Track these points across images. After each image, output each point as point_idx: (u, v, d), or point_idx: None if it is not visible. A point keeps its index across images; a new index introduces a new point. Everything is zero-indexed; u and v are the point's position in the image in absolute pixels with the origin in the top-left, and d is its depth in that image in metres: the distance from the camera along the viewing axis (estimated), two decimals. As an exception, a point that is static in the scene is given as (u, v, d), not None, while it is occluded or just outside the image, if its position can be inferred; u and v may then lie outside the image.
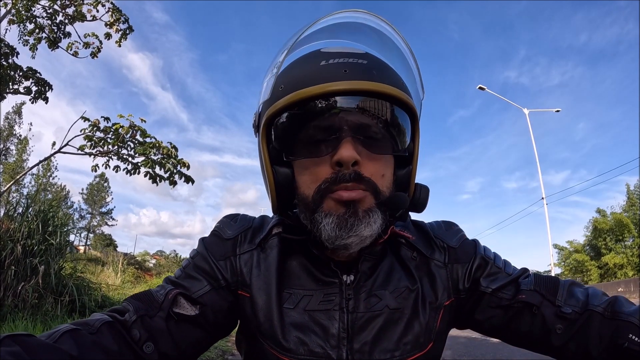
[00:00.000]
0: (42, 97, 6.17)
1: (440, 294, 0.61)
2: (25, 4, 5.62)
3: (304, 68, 0.54)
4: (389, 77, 0.54)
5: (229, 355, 4.55)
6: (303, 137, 0.54)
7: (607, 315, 0.54)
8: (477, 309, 0.62)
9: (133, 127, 5.67)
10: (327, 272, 0.59)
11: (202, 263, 0.61)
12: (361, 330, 0.56)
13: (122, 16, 6.16)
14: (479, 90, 16.42)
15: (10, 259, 4.10)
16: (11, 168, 24.10)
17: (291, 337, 0.55)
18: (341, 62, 0.52)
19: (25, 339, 0.39)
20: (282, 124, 0.55)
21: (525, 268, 0.65)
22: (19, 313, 3.86)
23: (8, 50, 5.69)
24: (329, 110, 0.52)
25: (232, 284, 0.60)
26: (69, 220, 5.92)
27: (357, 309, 0.57)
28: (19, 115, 27.19)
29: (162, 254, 35.17)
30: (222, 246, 0.63)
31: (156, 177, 5.86)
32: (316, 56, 0.55)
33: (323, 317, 0.56)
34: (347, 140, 0.51)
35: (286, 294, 0.58)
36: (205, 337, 0.59)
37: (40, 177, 27.74)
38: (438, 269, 0.62)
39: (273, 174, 0.56)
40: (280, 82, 0.55)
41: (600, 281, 18.85)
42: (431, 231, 0.67)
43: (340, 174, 0.51)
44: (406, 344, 0.56)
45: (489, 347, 5.33)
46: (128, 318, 0.52)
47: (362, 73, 0.52)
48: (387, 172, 0.55)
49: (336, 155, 0.51)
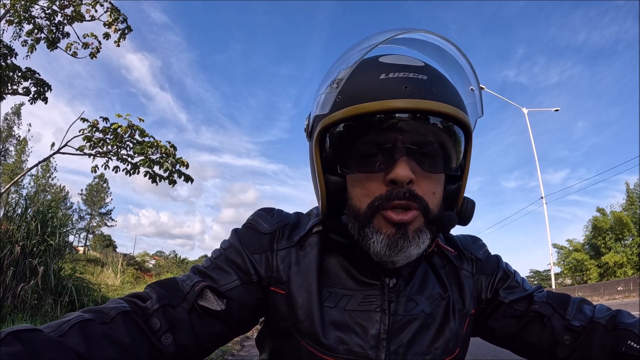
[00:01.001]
0: (41, 98, 6.16)
1: (468, 302, 0.63)
2: (23, 4, 5.61)
3: (363, 80, 0.53)
4: (447, 93, 0.53)
5: (229, 356, 4.54)
6: (358, 150, 0.54)
7: (609, 327, 0.57)
8: (493, 317, 0.65)
9: (131, 126, 5.67)
10: (368, 274, 0.59)
11: (235, 256, 0.60)
12: (399, 333, 0.57)
13: (121, 16, 6.15)
14: (478, 89, 16.41)
15: (9, 259, 4.09)
16: (10, 169, 24.06)
17: (331, 335, 0.55)
18: (402, 77, 0.51)
19: (29, 335, 0.37)
20: (337, 135, 0.55)
21: (540, 285, 0.69)
22: (18, 314, 3.85)
23: (7, 51, 5.68)
24: (387, 126, 0.52)
25: (265, 279, 0.59)
26: (68, 221, 5.90)
27: (397, 312, 0.57)
28: (17, 116, 27.18)
29: (162, 254, 35.18)
30: (257, 240, 0.61)
31: (155, 177, 5.85)
32: (375, 66, 0.54)
33: (363, 318, 0.57)
34: (403, 159, 0.51)
35: (326, 293, 0.58)
36: (226, 332, 0.58)
37: (40, 178, 27.74)
38: (466, 278, 0.65)
39: (325, 181, 0.56)
40: (339, 92, 0.54)
41: (600, 280, 18.86)
42: (460, 243, 0.69)
43: (395, 192, 0.51)
44: (437, 349, 0.57)
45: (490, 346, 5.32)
46: (150, 306, 0.51)
47: (422, 90, 0.51)
48: (437, 190, 0.56)
49: (391, 174, 0.51)
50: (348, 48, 0.58)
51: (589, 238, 20.83)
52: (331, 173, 0.56)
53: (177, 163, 5.84)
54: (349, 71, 0.53)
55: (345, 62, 0.55)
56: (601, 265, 19.78)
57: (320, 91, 0.59)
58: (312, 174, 0.60)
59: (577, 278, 21.66)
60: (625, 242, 19.29)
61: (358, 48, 0.54)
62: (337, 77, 0.55)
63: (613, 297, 12.82)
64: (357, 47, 0.55)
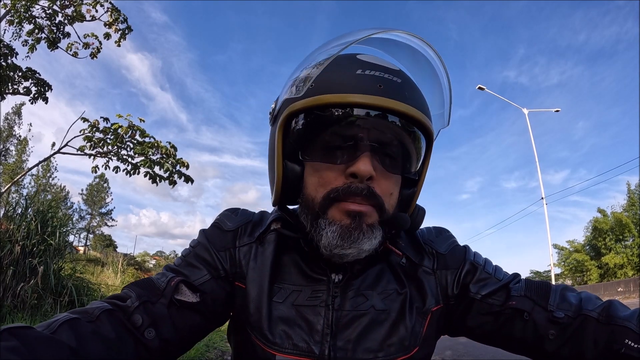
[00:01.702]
0: (41, 98, 6.16)
1: (428, 300, 0.61)
2: (24, 4, 5.62)
3: (340, 72, 0.54)
4: (417, 100, 0.54)
5: (228, 356, 4.55)
6: (322, 140, 0.54)
7: (602, 320, 0.54)
8: (468, 315, 0.62)
9: (132, 127, 5.67)
10: (316, 270, 0.60)
11: (203, 252, 0.62)
12: (345, 328, 0.56)
13: (121, 16, 6.15)
14: (479, 90, 16.43)
15: (9, 259, 4.09)
16: (11, 169, 24.08)
17: (277, 330, 0.56)
18: (377, 76, 0.52)
19: (23, 332, 0.39)
20: (304, 122, 0.55)
21: (517, 273, 0.65)
22: (18, 314, 3.85)
23: (7, 51, 5.69)
24: (355, 120, 0.52)
25: (231, 274, 0.62)
26: (68, 220, 5.90)
27: (342, 307, 0.57)
28: (18, 116, 27.21)
29: (162, 254, 35.20)
30: (222, 237, 0.64)
31: (156, 177, 5.85)
32: (352, 62, 0.54)
33: (309, 313, 0.57)
34: (367, 154, 0.52)
35: (276, 288, 0.59)
36: (204, 324, 0.60)
37: (40, 177, 27.76)
38: (426, 275, 0.63)
39: (283, 167, 0.56)
40: (313, 79, 0.54)
41: (600, 281, 18.85)
42: (421, 237, 0.67)
43: (354, 186, 0.52)
44: (390, 346, 0.56)
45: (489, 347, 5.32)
46: (130, 304, 0.52)
47: (395, 92, 0.52)
48: (395, 191, 0.57)
49: (353, 167, 0.51)
50: (328, 40, 0.59)
51: (590, 239, 20.81)
52: (291, 160, 0.57)
53: (178, 164, 5.84)
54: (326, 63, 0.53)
55: (324, 53, 0.56)
56: (601, 266, 19.76)
57: (295, 75, 0.59)
58: (270, 159, 0.60)
59: (578, 279, 21.63)
60: (626, 243, 19.27)
61: (337, 42, 0.55)
62: (314, 65, 0.55)
63: (613, 297, 12.77)
64: (336, 41, 0.56)
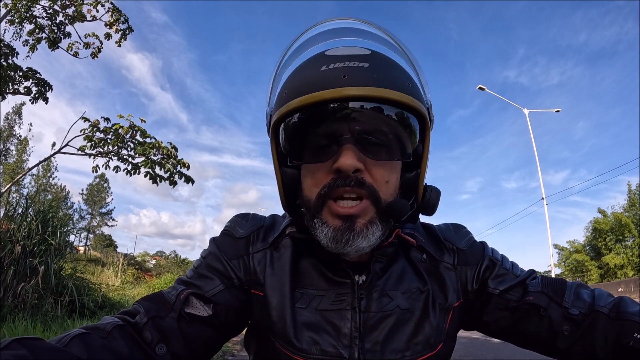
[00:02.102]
0: (42, 98, 6.17)
1: (450, 295, 0.61)
2: (25, 4, 5.62)
3: (306, 73, 0.55)
4: (392, 79, 0.52)
5: (229, 356, 4.54)
6: (307, 141, 0.55)
7: (612, 316, 0.55)
8: (485, 310, 0.63)
9: (133, 127, 5.68)
10: (338, 272, 0.59)
11: (215, 262, 0.61)
12: (373, 330, 0.56)
13: (122, 16, 6.16)
14: (479, 90, 16.43)
15: (10, 259, 4.10)
16: (11, 169, 24.09)
17: (304, 336, 0.55)
18: (341, 67, 0.51)
19: (33, 343, 0.38)
20: (287, 128, 0.56)
21: (533, 270, 0.65)
22: (18, 313, 3.86)
23: (8, 51, 5.69)
24: (330, 116, 0.52)
25: (245, 282, 0.60)
26: (69, 220, 5.91)
27: (369, 309, 0.57)
28: (19, 116, 27.23)
29: (162, 254, 35.18)
30: (234, 245, 0.63)
31: (156, 178, 5.86)
32: (319, 60, 0.55)
33: (335, 317, 0.56)
34: (348, 147, 0.51)
35: (298, 294, 0.58)
36: (216, 337, 0.59)
37: (40, 177, 27.77)
38: (447, 271, 0.63)
39: (281, 174, 0.58)
40: (285, 87, 0.56)
41: (601, 281, 18.83)
42: (440, 234, 0.67)
43: (340, 180, 0.52)
44: (417, 344, 0.56)
45: (490, 347, 5.32)
46: (139, 320, 0.52)
47: (361, 78, 0.50)
48: (391, 178, 0.55)
49: (337, 163, 0.51)
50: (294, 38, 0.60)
51: (590, 239, 20.79)
52: (286, 166, 0.58)
53: (178, 164, 5.85)
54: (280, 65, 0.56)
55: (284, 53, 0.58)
56: (602, 267, 19.75)
57: (269, 87, 0.61)
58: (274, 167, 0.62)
59: (578, 279, 21.60)
60: (626, 244, 19.25)
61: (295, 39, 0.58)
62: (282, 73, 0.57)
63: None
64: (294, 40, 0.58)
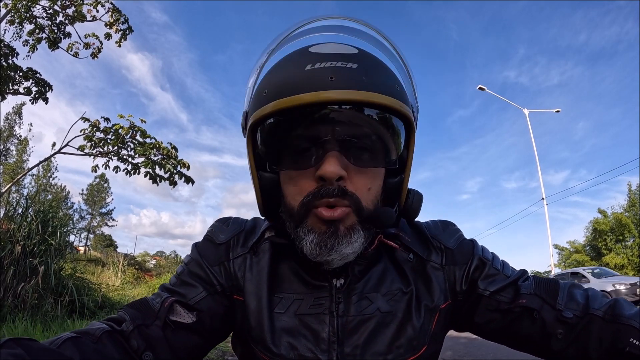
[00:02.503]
0: (42, 98, 6.17)
1: (437, 296, 0.59)
2: (25, 4, 5.62)
3: (289, 71, 0.51)
4: (381, 81, 0.50)
5: (229, 356, 4.54)
6: (287, 145, 0.52)
7: (607, 319, 0.54)
8: (476, 312, 0.61)
9: (133, 127, 5.68)
10: (316, 276, 0.58)
11: (197, 269, 0.60)
12: (352, 334, 0.55)
13: (122, 16, 6.16)
14: (479, 90, 16.43)
15: (10, 259, 4.10)
16: (11, 169, 24.10)
17: (281, 342, 0.55)
18: (328, 67, 0.48)
19: (28, 343, 0.39)
20: (266, 131, 0.53)
21: (524, 270, 0.63)
22: (18, 314, 3.86)
23: (8, 51, 5.69)
24: (314, 120, 0.49)
25: (228, 288, 0.60)
26: (69, 220, 5.91)
27: (347, 313, 0.56)
28: (19, 116, 27.24)
29: (162, 254, 35.19)
30: (215, 251, 0.62)
31: (156, 178, 5.86)
32: (303, 57, 0.51)
33: (313, 321, 0.55)
34: (332, 154, 0.49)
35: (277, 298, 0.57)
36: (202, 343, 0.58)
37: (41, 177, 27.78)
38: (434, 271, 0.61)
39: (258, 178, 0.56)
40: (265, 85, 0.52)
41: (601, 281, 18.82)
42: (427, 231, 0.65)
43: (324, 189, 0.50)
44: (399, 347, 0.55)
45: (490, 347, 5.32)
46: (125, 328, 0.52)
47: (349, 80, 0.48)
48: (373, 185, 0.54)
49: (320, 170, 0.49)
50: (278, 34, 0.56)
51: (590, 239, 20.80)
52: (264, 170, 0.56)
53: (179, 164, 5.85)
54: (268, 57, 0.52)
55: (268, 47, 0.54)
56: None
57: (248, 84, 0.57)
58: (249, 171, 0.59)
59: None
60: (626, 244, 19.25)
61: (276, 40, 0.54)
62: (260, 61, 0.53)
63: (614, 298, 12.78)
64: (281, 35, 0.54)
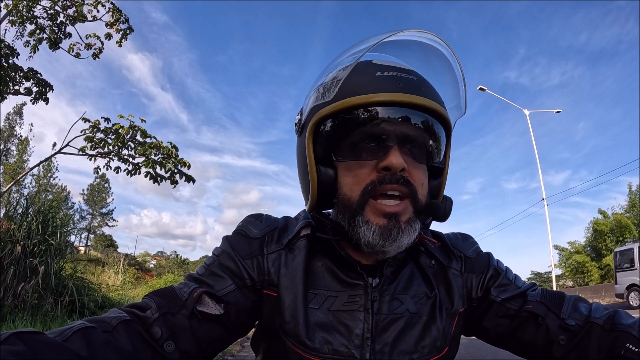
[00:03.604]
0: (42, 98, 6.18)
1: (456, 301, 0.63)
2: (26, 4, 5.63)
3: (360, 76, 0.56)
4: (433, 94, 0.58)
5: (229, 356, 4.54)
6: (352, 141, 0.57)
7: (606, 327, 0.57)
8: (485, 316, 0.65)
9: (133, 127, 5.68)
10: (352, 275, 0.60)
11: (228, 261, 0.61)
12: (383, 332, 0.57)
13: (122, 16, 6.17)
14: (479, 90, 16.43)
15: (10, 259, 4.10)
16: (12, 169, 24.12)
17: (316, 336, 0.56)
18: (395, 76, 0.56)
19: (32, 337, 0.38)
20: (332, 126, 0.58)
21: (534, 283, 0.68)
22: (19, 313, 3.86)
23: (9, 51, 5.70)
24: (381, 118, 0.55)
25: (258, 283, 0.61)
26: (70, 221, 5.91)
27: (381, 311, 0.58)
28: (19, 116, 27.27)
29: (163, 254, 35.21)
30: (248, 245, 0.63)
31: (157, 177, 5.86)
32: (369, 67, 0.58)
33: (347, 318, 0.58)
34: (396, 148, 0.55)
35: (311, 294, 0.59)
36: (226, 336, 0.59)
37: (41, 177, 27.79)
38: (455, 277, 0.65)
39: (317, 172, 0.58)
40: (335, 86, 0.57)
41: (601, 282, 18.82)
42: (449, 241, 0.70)
43: (389, 177, 0.54)
44: (424, 347, 0.58)
45: (490, 348, 5.30)
46: (150, 315, 0.52)
47: (414, 88, 0.55)
48: (425, 181, 0.59)
49: (385, 162, 0.54)
50: (346, 49, 0.61)
51: (590, 240, 20.79)
52: (323, 164, 0.58)
53: (179, 164, 5.86)
54: (348, 70, 0.56)
55: (342, 62, 0.59)
56: (602, 267, 19.74)
57: (318, 83, 0.61)
58: (301, 168, 0.62)
59: (578, 280, 21.61)
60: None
61: (354, 50, 0.58)
62: (337, 74, 0.58)
63: (614, 299, 12.78)
64: (353, 49, 0.59)
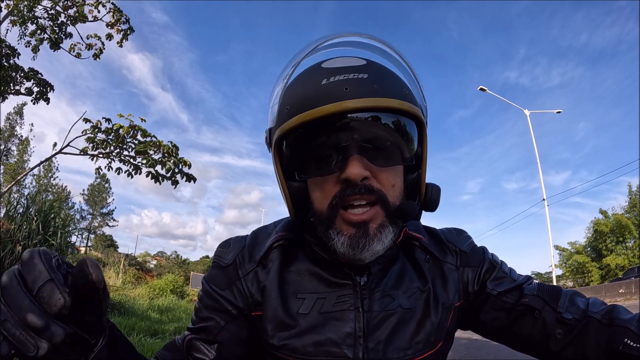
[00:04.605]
0: (43, 98, 6.18)
1: (452, 295, 0.63)
2: (27, 4, 5.64)
3: (307, 87, 0.56)
4: (390, 87, 0.55)
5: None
6: (312, 155, 0.56)
7: (604, 322, 0.57)
8: (482, 310, 0.65)
9: (133, 127, 5.68)
10: (338, 275, 0.60)
11: (209, 301, 0.63)
12: (375, 329, 0.57)
13: (123, 16, 6.17)
14: (480, 90, 16.43)
15: (11, 259, 4.10)
16: (12, 169, 24.14)
17: (308, 341, 0.57)
18: (342, 80, 0.53)
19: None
20: (291, 143, 0.57)
21: (529, 276, 0.68)
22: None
23: (9, 52, 5.70)
24: (334, 128, 0.54)
25: (245, 308, 0.61)
26: (71, 221, 5.91)
27: (372, 309, 0.58)
28: (20, 116, 27.28)
29: (163, 255, 35.22)
30: (223, 275, 0.64)
31: (158, 177, 5.86)
32: (317, 73, 0.56)
33: (338, 318, 0.58)
34: (354, 157, 0.53)
35: (299, 300, 0.60)
36: None
37: (42, 177, 27.80)
38: (450, 271, 0.65)
39: (288, 189, 0.58)
40: (286, 102, 0.57)
41: (602, 282, 18.79)
42: (443, 236, 0.69)
43: (350, 189, 0.53)
44: (418, 343, 0.58)
45: (490, 348, 5.31)
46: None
47: (362, 89, 0.52)
48: (397, 181, 0.57)
49: (344, 174, 0.53)
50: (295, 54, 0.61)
51: (591, 240, 20.77)
52: (292, 179, 0.59)
53: (180, 163, 5.85)
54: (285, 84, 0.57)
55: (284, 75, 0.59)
56: (603, 268, 19.72)
57: (270, 104, 0.62)
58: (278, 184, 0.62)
59: (579, 280, 21.58)
60: (627, 245, 19.23)
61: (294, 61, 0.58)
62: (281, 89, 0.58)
63: (615, 299, 12.78)
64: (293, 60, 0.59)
